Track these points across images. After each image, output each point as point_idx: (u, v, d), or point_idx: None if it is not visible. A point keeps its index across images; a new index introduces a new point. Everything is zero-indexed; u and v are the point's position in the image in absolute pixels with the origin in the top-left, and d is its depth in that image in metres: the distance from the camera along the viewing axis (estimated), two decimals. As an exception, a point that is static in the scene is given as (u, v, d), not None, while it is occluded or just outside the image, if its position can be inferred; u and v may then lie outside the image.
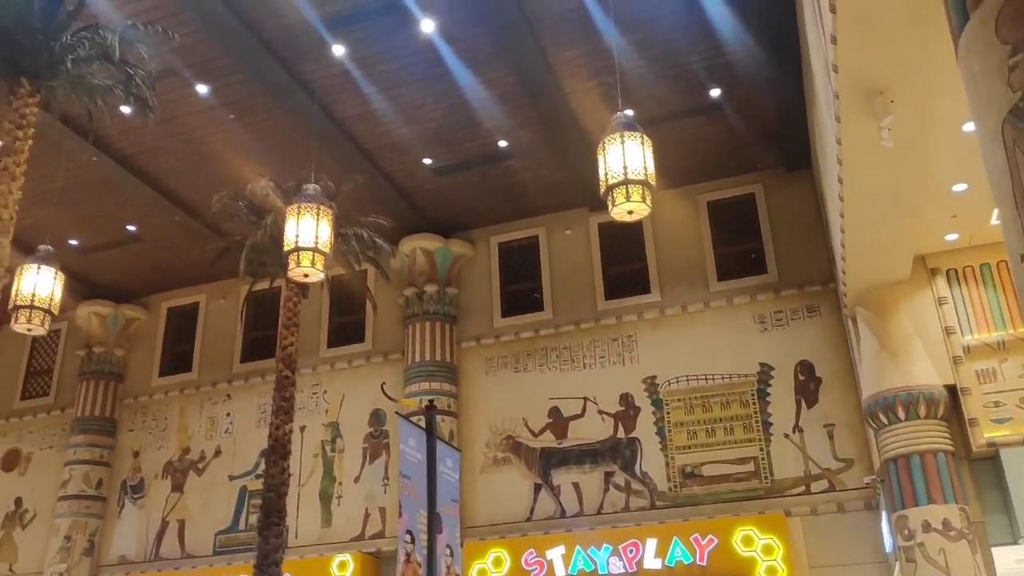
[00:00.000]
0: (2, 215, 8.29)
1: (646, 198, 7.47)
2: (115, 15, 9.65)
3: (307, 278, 9.87)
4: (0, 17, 8.42)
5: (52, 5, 8.66)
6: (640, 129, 7.57)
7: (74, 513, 16.08)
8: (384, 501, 14.45)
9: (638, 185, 7.45)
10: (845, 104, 6.85)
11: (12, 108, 8.60)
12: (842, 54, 6.27)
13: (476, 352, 15.11)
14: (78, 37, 8.83)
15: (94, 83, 9.24)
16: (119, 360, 17.36)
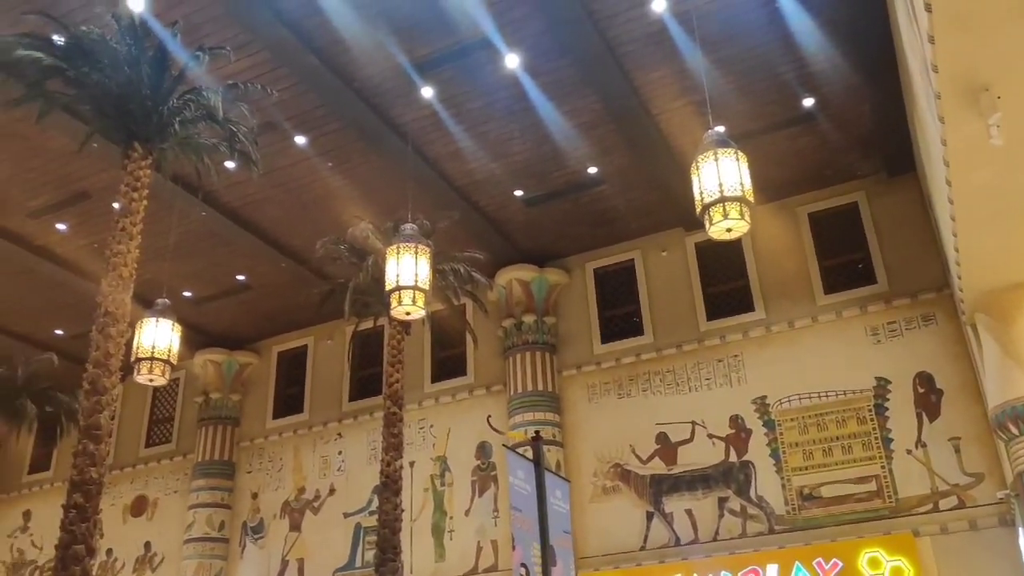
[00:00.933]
0: (122, 273, 8.76)
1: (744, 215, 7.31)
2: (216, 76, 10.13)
3: (409, 316, 10.03)
4: (112, 86, 8.96)
5: (158, 72, 9.17)
6: (734, 145, 7.43)
7: (199, 555, 16.68)
8: (495, 534, 14.46)
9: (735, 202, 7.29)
10: (948, 104, 6.58)
11: (127, 172, 9.13)
12: (941, 53, 6.04)
13: (578, 380, 15.04)
14: (183, 100, 9.32)
15: (200, 142, 9.73)
16: (235, 405, 18.02)
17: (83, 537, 7.80)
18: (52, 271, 15.31)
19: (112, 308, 8.62)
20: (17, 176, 13.07)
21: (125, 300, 8.73)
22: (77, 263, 15.09)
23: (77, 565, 7.69)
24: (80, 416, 8.37)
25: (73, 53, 8.93)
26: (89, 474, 8.01)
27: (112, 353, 8.49)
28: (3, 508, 19.47)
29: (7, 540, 19.47)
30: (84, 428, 8.23)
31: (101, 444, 8.16)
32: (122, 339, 8.67)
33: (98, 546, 8.22)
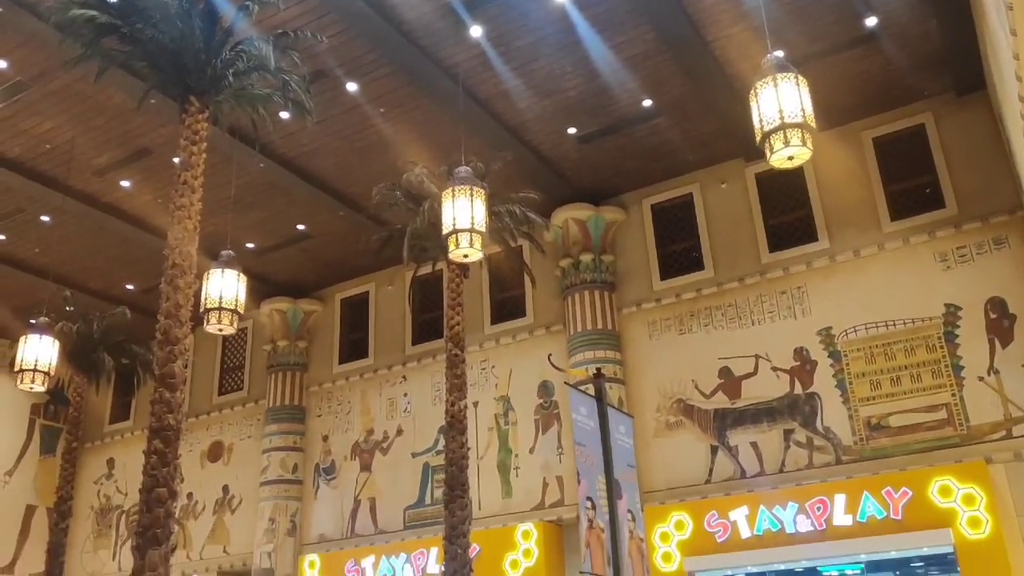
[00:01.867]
0: (187, 226, 8.95)
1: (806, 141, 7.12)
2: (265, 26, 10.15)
3: (466, 258, 10.09)
4: (166, 41, 9.04)
5: (209, 25, 9.20)
6: (794, 69, 7.20)
7: (275, 497, 17.31)
8: (560, 470, 14.66)
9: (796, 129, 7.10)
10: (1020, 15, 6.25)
11: (185, 126, 9.25)
12: (1015, -42, 5.72)
13: (638, 317, 14.99)
14: (236, 52, 9.36)
15: (254, 93, 9.79)
16: (302, 351, 18.46)
17: (165, 481, 8.13)
18: (120, 228, 15.75)
19: (179, 260, 8.83)
20: (81, 136, 13.38)
21: (191, 252, 8.93)
22: (143, 218, 15.50)
23: (160, 507, 8.04)
24: (155, 366, 8.66)
25: (126, 10, 9.02)
26: (167, 421, 8.31)
27: (182, 304, 8.73)
28: (88, 457, 20.41)
29: (93, 487, 20.46)
30: (159, 377, 8.52)
31: (176, 392, 8.45)
32: (190, 290, 8.89)
33: (179, 489, 8.56)
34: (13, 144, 13.58)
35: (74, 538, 18.52)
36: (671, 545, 13.10)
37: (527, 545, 14.32)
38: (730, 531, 12.73)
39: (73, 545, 18.61)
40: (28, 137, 13.42)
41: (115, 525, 19.80)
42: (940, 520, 11.41)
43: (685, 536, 13.04)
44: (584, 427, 8.50)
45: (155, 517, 7.99)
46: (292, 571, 16.69)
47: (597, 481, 8.34)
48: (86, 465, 20.16)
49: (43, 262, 16.63)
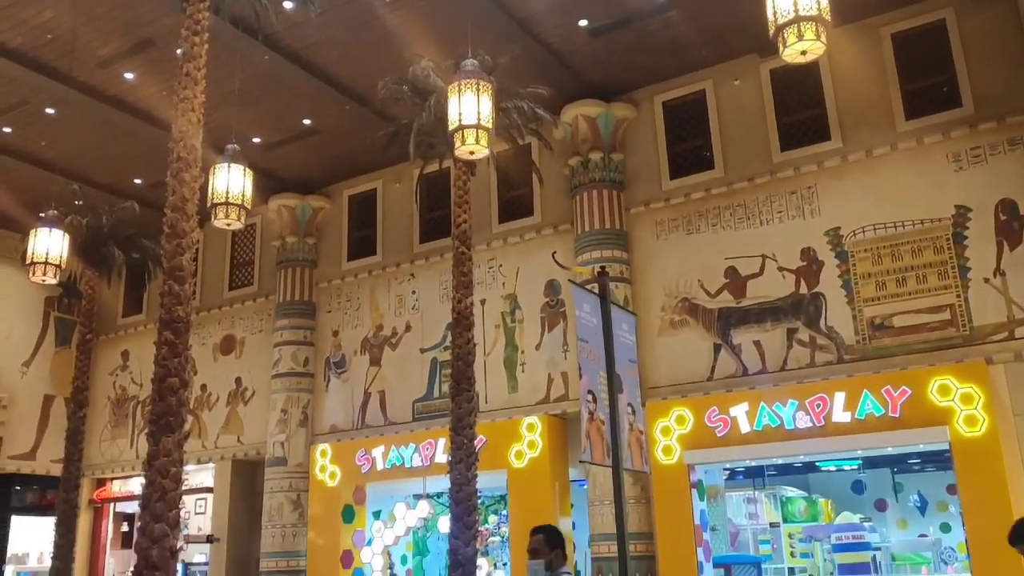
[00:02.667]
0: (191, 118, 8.89)
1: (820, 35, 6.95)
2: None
3: (473, 155, 10.01)
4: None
5: (208, -92, 8.90)
6: (809, -41, 6.95)
7: (287, 389, 17.73)
8: (565, 366, 14.91)
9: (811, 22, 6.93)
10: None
11: (186, 15, 9.07)
12: None
13: (646, 217, 14.95)
14: (236, -63, 9.09)
15: (256, -19, 9.54)
16: (311, 248, 18.56)
17: (176, 371, 8.34)
18: (125, 120, 15.61)
19: (184, 154, 8.81)
20: (84, 25, 13.11)
21: (196, 145, 8.90)
22: (148, 111, 15.32)
23: (173, 396, 8.27)
24: (164, 259, 8.75)
25: None
26: (176, 312, 8.46)
27: (188, 198, 8.76)
28: (103, 349, 20.83)
29: (109, 378, 20.96)
30: (168, 270, 8.63)
31: (185, 284, 8.57)
32: (196, 184, 8.90)
33: (191, 380, 8.79)
34: (14, 34, 13.35)
35: (92, 427, 19.09)
36: (672, 439, 13.43)
37: (532, 437, 14.72)
38: (730, 426, 13.02)
39: (91, 433, 19.19)
40: (29, 27, 13.17)
41: (131, 415, 20.38)
42: (937, 418, 11.63)
43: (686, 431, 13.36)
44: (587, 324, 8.61)
45: (168, 405, 8.23)
46: (304, 460, 17.26)
47: (599, 376, 8.50)
48: (101, 357, 20.60)
49: (50, 155, 16.60)
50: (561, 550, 4.03)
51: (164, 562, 7.79)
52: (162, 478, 8.02)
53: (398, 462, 16.03)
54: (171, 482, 8.05)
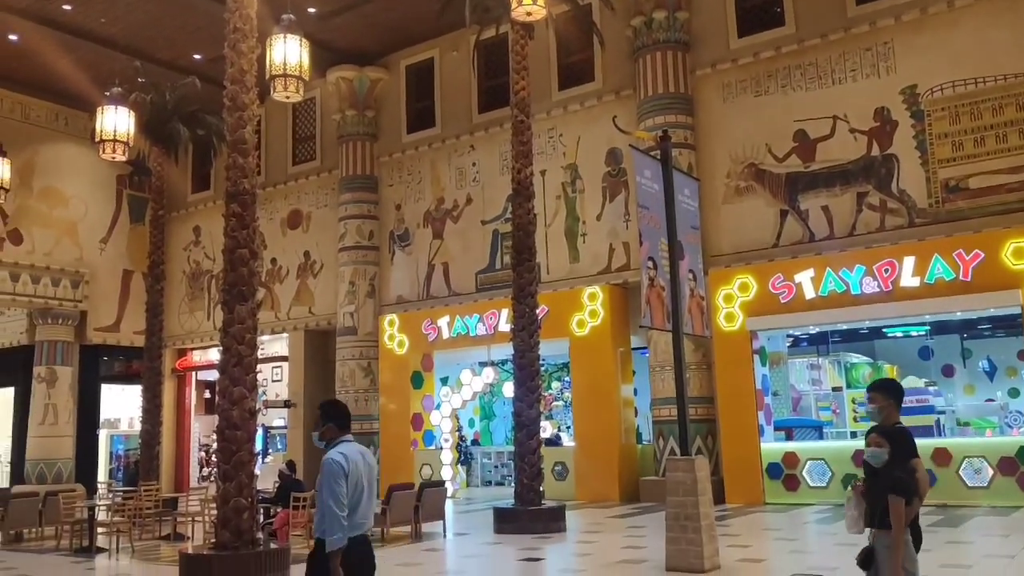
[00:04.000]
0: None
1: None
2: None
3: (530, 16, 9.73)
4: None
5: None
6: None
7: (354, 262, 18.13)
8: (626, 236, 14.84)
9: None
10: None
11: None
12: None
13: (712, 79, 14.44)
14: None
15: None
16: (370, 121, 18.52)
17: (245, 242, 8.55)
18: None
19: (240, 24, 8.73)
20: None
21: (251, 15, 8.80)
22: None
23: (243, 267, 8.51)
24: (227, 132, 8.83)
25: None
26: (242, 185, 8.60)
27: (246, 69, 8.73)
28: (175, 226, 21.44)
29: (183, 253, 21.67)
30: (231, 143, 8.71)
31: (248, 157, 8.66)
32: (253, 55, 8.85)
33: (260, 252, 9.00)
34: (64, -94, 13.19)
35: (170, 300, 19.92)
36: (734, 306, 13.41)
37: (593, 306, 14.88)
38: (794, 292, 12.92)
39: (170, 306, 20.05)
40: (78, -102, 12.99)
41: (206, 288, 21.15)
42: (1009, 282, 11.34)
43: (749, 297, 13.31)
44: (648, 190, 8.51)
45: (239, 275, 8.49)
46: (373, 329, 17.80)
47: (660, 242, 8.46)
48: (174, 233, 21.23)
49: (110, 32, 16.68)
50: (336, 423, 4.02)
51: (244, 422, 8.22)
52: (238, 344, 8.36)
53: (463, 331, 16.43)
54: (247, 348, 8.39)
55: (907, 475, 4.08)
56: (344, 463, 3.95)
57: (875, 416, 4.44)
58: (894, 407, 4.38)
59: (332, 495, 3.89)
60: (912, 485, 4.05)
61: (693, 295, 8.92)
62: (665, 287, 8.35)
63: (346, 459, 3.98)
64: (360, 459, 4.07)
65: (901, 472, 4.06)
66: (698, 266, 9.38)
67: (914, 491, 4.04)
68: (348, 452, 4.02)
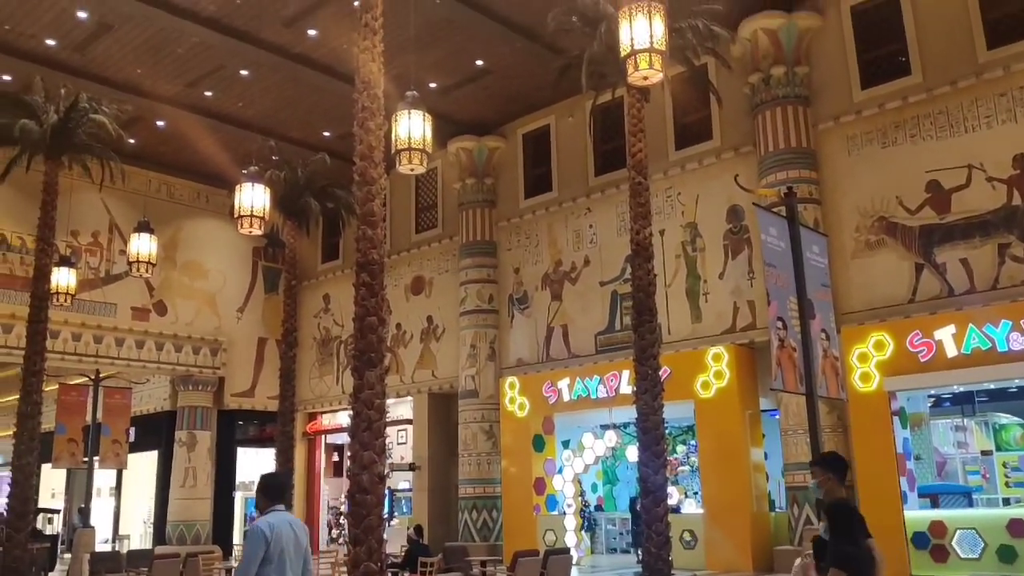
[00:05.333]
0: (372, 68, 9.21)
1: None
2: None
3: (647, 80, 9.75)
4: None
5: None
6: None
7: (475, 325, 18.40)
8: (751, 294, 14.50)
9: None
10: None
11: (361, -33, 9.33)
12: None
13: (835, 132, 14.09)
14: None
15: (424, -75, 9.63)
16: (489, 188, 18.96)
17: (374, 310, 8.83)
18: (312, 76, 16.45)
19: (368, 103, 9.17)
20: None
21: (379, 94, 9.23)
22: (332, 66, 16.07)
23: (373, 333, 8.78)
24: (356, 205, 9.22)
25: None
26: (371, 255, 8.93)
27: (374, 145, 9.14)
28: (306, 294, 22.36)
29: (313, 320, 22.52)
30: (360, 216, 9.09)
31: (377, 229, 9.00)
32: (381, 132, 9.26)
33: (388, 319, 9.26)
34: (208, 2, 14.28)
35: (301, 366, 20.66)
36: (870, 365, 12.82)
37: (718, 367, 14.52)
38: (935, 350, 12.26)
39: (301, 371, 20.80)
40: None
41: (335, 353, 21.86)
42: None
43: (885, 356, 12.70)
44: (774, 248, 8.31)
45: (368, 342, 8.76)
46: (494, 392, 17.92)
47: (788, 301, 8.21)
48: (305, 301, 22.13)
49: (247, 115, 17.81)
50: (266, 495, 4.46)
51: (373, 486, 8.39)
52: (367, 409, 8.58)
53: (583, 393, 16.31)
54: (375, 413, 8.60)
55: (854, 549, 3.90)
56: (268, 532, 4.38)
57: (816, 491, 4.29)
58: (835, 481, 4.21)
59: (245, 558, 4.41)
60: (857, 560, 3.87)
61: (826, 355, 8.58)
62: (796, 348, 8.07)
63: (271, 528, 4.41)
64: (286, 528, 4.49)
65: (847, 546, 3.91)
66: (830, 325, 9.03)
67: (859, 569, 3.86)
68: (275, 521, 4.46)
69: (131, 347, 19.88)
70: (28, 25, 14.76)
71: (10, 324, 17.77)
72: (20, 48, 15.48)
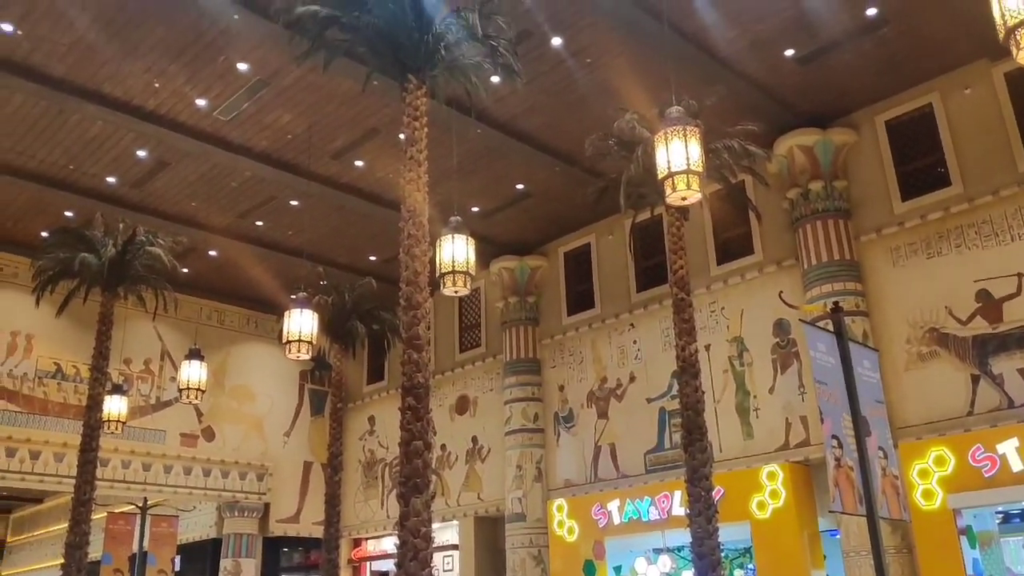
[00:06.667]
0: (417, 198, 9.48)
1: (1062, 30, 6.29)
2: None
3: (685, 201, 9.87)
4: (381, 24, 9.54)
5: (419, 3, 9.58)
6: (1041, -49, 6.37)
7: (520, 445, 18.16)
8: (803, 409, 14.19)
9: (1049, 18, 6.30)
10: None
11: (406, 103, 9.75)
12: None
13: (878, 244, 14.06)
14: (445, 25, 9.71)
15: (466, 63, 10.10)
16: (532, 306, 19.09)
17: (420, 434, 8.79)
18: (358, 204, 17.03)
19: (413, 231, 9.40)
20: (317, 124, 14.52)
21: (424, 222, 9.47)
22: (378, 194, 16.64)
23: (419, 458, 8.71)
24: (401, 330, 9.32)
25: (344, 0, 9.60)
26: (417, 379, 8.95)
27: (420, 271, 9.31)
28: (352, 416, 22.39)
29: (358, 443, 22.46)
30: (406, 340, 9.17)
31: (422, 352, 9.05)
32: (426, 257, 9.45)
33: (433, 441, 9.20)
34: (260, 138, 14.99)
35: (346, 489, 20.49)
36: (931, 482, 12.34)
37: (773, 486, 14.07)
38: (999, 465, 11.78)
39: (346, 495, 20.60)
40: (272, 130, 14.76)
41: (380, 476, 21.67)
42: None
43: (947, 472, 12.23)
44: (824, 364, 8.18)
45: (415, 468, 8.67)
46: (542, 515, 17.50)
47: (842, 419, 8.02)
48: (350, 423, 22.15)
49: (296, 242, 18.35)
50: None
51: (421, 619, 8.14)
52: (414, 537, 8.42)
53: (634, 515, 15.86)
54: (422, 541, 8.43)
55: None
56: None
57: None
58: None
59: None
60: None
61: (885, 474, 8.30)
62: (853, 467, 7.82)
63: None
64: None
65: None
66: (887, 442, 8.77)
67: None
68: None
69: (179, 473, 19.93)
70: (90, 165, 15.58)
71: (62, 453, 18.00)
72: (83, 186, 16.28)
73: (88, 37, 12.23)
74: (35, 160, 15.35)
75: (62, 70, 13.00)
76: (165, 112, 14.13)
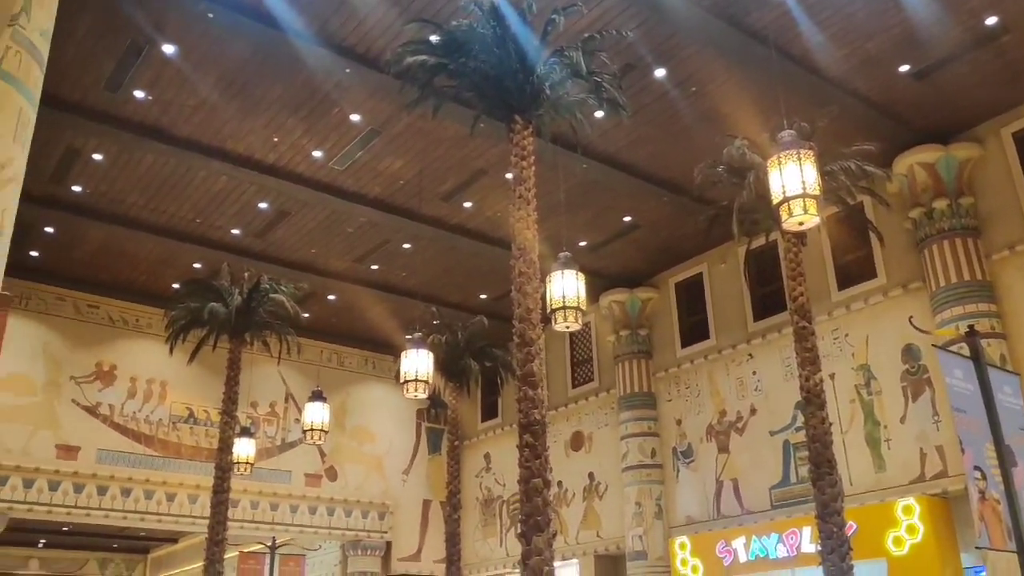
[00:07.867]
0: (527, 235, 9.57)
1: None
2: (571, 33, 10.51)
3: (802, 226, 9.63)
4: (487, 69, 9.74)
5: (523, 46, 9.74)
6: None
7: (638, 481, 17.85)
8: (939, 439, 13.43)
9: None
10: None
11: (513, 143, 9.89)
12: None
13: (1013, 261, 13.27)
14: (549, 64, 9.83)
15: (571, 100, 10.19)
16: (644, 339, 18.85)
17: (538, 471, 8.77)
18: (468, 244, 17.30)
19: (524, 268, 9.47)
20: (427, 168, 14.89)
21: (534, 259, 9.53)
22: (487, 233, 16.87)
23: (538, 496, 8.68)
24: (515, 367, 9.37)
25: (450, 48, 9.85)
26: (533, 416, 8.95)
27: (532, 307, 9.35)
28: (468, 453, 22.54)
29: (475, 480, 22.55)
30: (521, 377, 9.20)
31: (538, 389, 9.06)
32: (537, 294, 9.49)
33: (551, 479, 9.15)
34: (374, 185, 15.48)
35: (465, 527, 20.56)
36: (1089, 516, 11.39)
37: (910, 520, 13.33)
38: None
39: (465, 533, 20.66)
40: (384, 177, 15.23)
41: (498, 514, 21.68)
42: None
43: (1106, 505, 11.28)
44: (961, 392, 7.75)
45: (535, 506, 8.64)
46: (664, 553, 17.09)
47: (984, 449, 7.55)
48: (466, 461, 22.28)
49: (410, 284, 18.78)
50: None
51: (547, 660, 8.05)
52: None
53: (761, 553, 15.29)
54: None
55: None
56: None
57: None
58: None
59: None
60: None
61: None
62: (1000, 499, 7.34)
63: None
64: None
65: None
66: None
67: None
68: None
69: (304, 513, 20.47)
70: (216, 218, 16.41)
71: (195, 494, 18.79)
72: (209, 238, 17.15)
73: (211, 99, 12.98)
74: (165, 215, 16.29)
75: (188, 130, 13.81)
76: (284, 165, 14.78)
